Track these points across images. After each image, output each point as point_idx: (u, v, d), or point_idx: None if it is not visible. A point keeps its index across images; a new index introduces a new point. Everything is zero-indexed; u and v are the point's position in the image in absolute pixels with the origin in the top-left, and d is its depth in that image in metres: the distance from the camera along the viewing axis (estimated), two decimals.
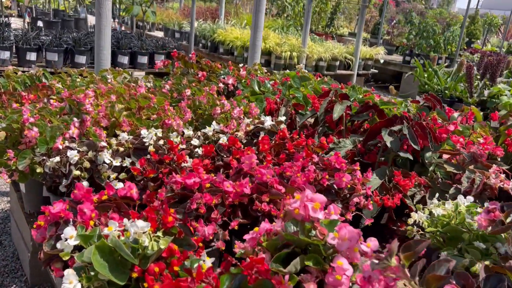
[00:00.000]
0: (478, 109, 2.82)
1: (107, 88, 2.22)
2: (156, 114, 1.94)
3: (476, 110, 2.41)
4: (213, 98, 2.17)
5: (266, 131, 2.00)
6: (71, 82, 2.48)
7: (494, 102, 4.03)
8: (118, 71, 2.85)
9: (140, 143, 1.68)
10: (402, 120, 1.94)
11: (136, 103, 2.04)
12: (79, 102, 1.86)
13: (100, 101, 2.09)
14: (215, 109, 2.07)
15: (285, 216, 1.04)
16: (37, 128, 1.64)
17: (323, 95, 2.28)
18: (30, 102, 2.02)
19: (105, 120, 1.85)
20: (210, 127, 1.95)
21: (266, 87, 2.75)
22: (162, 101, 2.07)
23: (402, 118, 1.95)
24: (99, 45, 2.83)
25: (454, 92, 4.41)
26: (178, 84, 2.46)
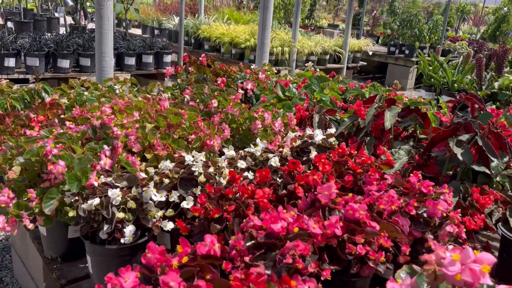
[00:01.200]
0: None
1: (125, 103, 1.94)
2: (193, 133, 1.68)
3: None
4: (246, 109, 1.92)
5: (315, 146, 1.77)
6: (77, 96, 2.18)
7: (505, 94, 3.92)
8: (124, 80, 2.56)
9: (188, 172, 1.42)
10: (468, 127, 1.75)
11: (165, 120, 1.78)
12: (105, 125, 1.58)
13: (119, 118, 1.82)
14: (255, 123, 1.83)
15: (435, 278, 0.82)
16: (63, 161, 1.36)
17: (368, 101, 2.06)
18: (40, 125, 1.72)
19: (137, 144, 1.58)
20: (252, 144, 1.71)
21: (292, 92, 2.51)
22: (194, 117, 1.81)
23: (467, 125, 1.75)
24: (101, 51, 2.52)
25: (462, 85, 4.29)
26: (200, 94, 2.20)
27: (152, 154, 1.62)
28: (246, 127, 1.88)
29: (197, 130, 1.68)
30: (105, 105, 1.89)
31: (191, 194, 1.40)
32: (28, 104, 2.17)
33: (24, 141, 1.49)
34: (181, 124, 1.78)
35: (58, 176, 1.35)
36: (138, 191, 1.33)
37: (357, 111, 2.04)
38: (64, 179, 1.35)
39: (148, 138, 1.58)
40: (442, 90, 4.39)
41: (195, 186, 1.44)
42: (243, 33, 6.70)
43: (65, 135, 1.57)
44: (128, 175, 1.37)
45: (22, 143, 1.48)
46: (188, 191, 1.42)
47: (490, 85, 4.16)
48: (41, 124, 1.74)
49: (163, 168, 1.46)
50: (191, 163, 1.47)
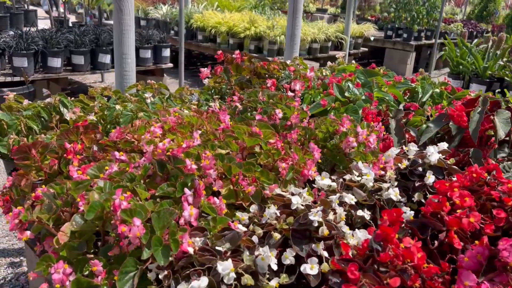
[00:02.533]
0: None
1: (176, 120, 1.54)
2: (281, 160, 1.30)
3: None
4: (325, 121, 1.55)
5: (427, 167, 1.42)
6: (106, 110, 1.76)
7: None
8: (151, 85, 2.15)
9: (301, 221, 1.05)
10: None
11: (235, 142, 1.39)
12: (176, 158, 1.19)
13: (176, 141, 1.43)
14: (347, 140, 1.46)
15: None
16: (138, 218, 0.97)
17: (469, 104, 1.72)
18: (78, 157, 1.32)
19: (219, 181, 1.19)
20: (342, 167, 1.35)
21: (353, 92, 2.15)
22: (271, 136, 1.43)
23: None
24: (122, 52, 2.10)
25: (494, 71, 4.01)
26: (255, 101, 1.81)
27: (232, 191, 1.24)
28: (332, 144, 1.51)
29: (285, 155, 1.31)
30: (153, 124, 1.49)
31: (311, 252, 1.04)
32: (45, 122, 1.74)
33: (74, 188, 1.08)
34: (254, 146, 1.41)
35: (134, 241, 0.96)
36: (252, 258, 0.95)
37: (455, 117, 1.69)
38: (141, 244, 0.96)
39: (232, 170, 1.20)
40: (472, 77, 4.10)
41: (308, 238, 1.07)
42: (241, 22, 6.26)
43: (124, 174, 1.17)
44: (231, 234, 0.99)
45: (71, 191, 1.08)
46: (304, 248, 1.05)
47: None
48: (80, 156, 1.33)
49: (269, 216, 1.08)
50: (301, 207, 1.10)
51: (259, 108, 1.80)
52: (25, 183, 1.26)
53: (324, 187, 1.34)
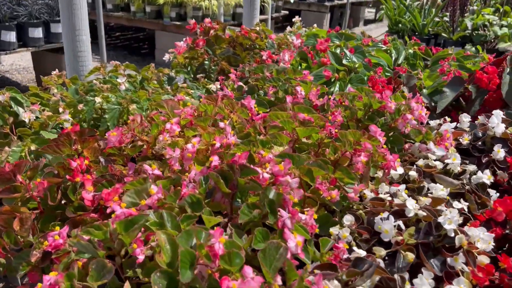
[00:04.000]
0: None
1: (193, 113, 1.21)
2: (357, 152, 1.05)
3: None
4: (371, 95, 1.33)
5: (490, 140, 1.28)
6: (85, 106, 1.36)
7: (480, 35, 3.77)
8: (116, 67, 1.74)
9: (436, 232, 0.83)
10: None
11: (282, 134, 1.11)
12: (244, 167, 0.88)
13: (188, 134, 1.11)
14: (404, 117, 1.25)
15: None
16: (249, 267, 0.68)
17: (496, 63, 1.59)
18: (89, 178, 0.95)
19: (298, 191, 0.92)
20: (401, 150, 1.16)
21: (351, 60, 1.94)
22: (319, 121, 1.17)
23: None
24: (74, 27, 1.66)
25: (433, 28, 4.06)
26: (263, 79, 1.52)
27: (303, 199, 0.97)
28: (382, 123, 1.29)
29: (356, 145, 1.06)
30: (165, 119, 1.15)
31: (449, 269, 0.83)
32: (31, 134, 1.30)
33: (123, 230, 0.74)
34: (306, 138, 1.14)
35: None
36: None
37: (484, 80, 1.56)
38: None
39: (314, 173, 0.93)
40: (411, 35, 4.13)
41: (432, 250, 0.86)
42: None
43: (177, 197, 0.85)
44: (368, 267, 0.74)
45: (121, 235, 0.74)
46: (436, 265, 0.84)
47: (461, 26, 3.98)
48: (90, 175, 0.96)
49: (387, 229, 0.84)
50: (422, 213, 0.88)
51: (269, 86, 1.51)
52: (21, 227, 0.87)
53: (395, 177, 1.14)
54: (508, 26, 3.73)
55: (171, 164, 1.06)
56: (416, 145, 1.24)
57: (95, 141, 1.06)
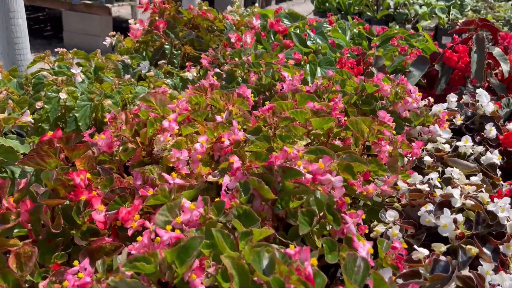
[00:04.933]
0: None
1: (187, 105, 1.07)
2: (379, 141, 1.00)
3: None
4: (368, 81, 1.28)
5: (477, 119, 1.31)
6: (48, 104, 1.14)
7: (402, 13, 3.94)
8: (62, 54, 1.51)
9: (492, 222, 0.81)
10: None
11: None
12: (287, 169, 0.78)
13: (186, 132, 0.99)
14: (405, 101, 1.22)
15: None
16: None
17: (464, 42, 1.63)
18: (95, 194, 0.78)
19: (340, 189, 0.84)
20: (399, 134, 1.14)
21: (315, 41, 1.88)
22: (327, 109, 1.09)
23: None
24: (8, 9, 1.39)
25: (358, 7, 4.15)
26: (243, 65, 1.40)
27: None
28: (379, 107, 1.26)
29: (378, 134, 1.01)
30: (167, 117, 0.99)
31: (504, 258, 0.82)
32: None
33: (177, 259, 0.61)
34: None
35: None
36: None
37: (454, 59, 1.59)
38: None
39: (355, 168, 0.85)
40: (337, 14, 4.19)
41: (480, 239, 0.84)
42: None
43: (220, 212, 0.72)
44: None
45: (174, 264, 0.61)
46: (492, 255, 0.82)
47: (383, 5, 4.13)
48: (95, 191, 0.79)
49: (446, 223, 0.80)
50: (470, 203, 0.85)
51: (251, 72, 1.40)
52: (21, 265, 0.69)
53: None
54: (426, 4, 3.94)
55: (178, 168, 0.92)
56: (417, 128, 1.22)
57: (86, 148, 0.88)
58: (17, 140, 1.06)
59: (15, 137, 1.07)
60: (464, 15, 3.97)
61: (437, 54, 1.80)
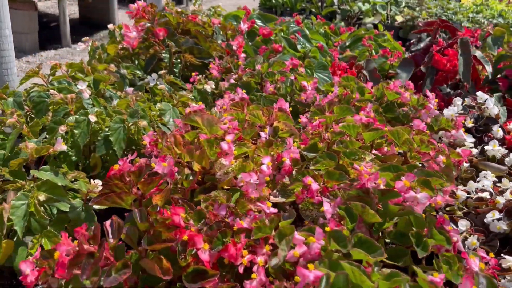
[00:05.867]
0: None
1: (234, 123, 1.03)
2: (430, 152, 1.03)
3: None
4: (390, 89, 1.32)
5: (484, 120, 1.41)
6: (77, 129, 1.04)
7: (346, 10, 4.08)
8: (56, 66, 1.39)
9: None
10: None
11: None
12: (387, 191, 0.79)
13: (240, 151, 0.98)
14: (427, 108, 1.28)
15: None
16: None
17: (450, 45, 1.73)
18: (206, 233, 0.73)
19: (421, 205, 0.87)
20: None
21: (304, 45, 1.88)
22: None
23: None
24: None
25: (304, 4, 4.21)
26: (259, 74, 1.37)
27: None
28: (402, 114, 1.30)
29: (431, 145, 1.05)
30: (226, 140, 0.95)
31: None
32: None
33: None
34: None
35: None
36: None
37: (443, 62, 1.69)
38: None
39: (433, 182, 0.88)
40: (284, 12, 4.22)
41: None
42: None
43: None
44: None
45: None
46: None
47: (327, 2, 4.24)
48: (192, 228, 0.74)
49: None
50: None
51: (266, 82, 1.38)
52: None
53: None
54: (367, 1, 4.12)
55: (247, 192, 0.89)
56: (440, 133, 1.28)
57: (159, 178, 0.82)
58: (51, 172, 0.96)
59: (48, 168, 0.96)
60: (400, 12, 4.21)
61: (418, 56, 1.90)
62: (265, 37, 2.00)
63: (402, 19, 4.02)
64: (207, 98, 1.34)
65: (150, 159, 1.02)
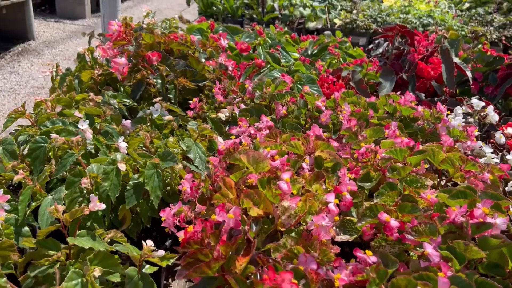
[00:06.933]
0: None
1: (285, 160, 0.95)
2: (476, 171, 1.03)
3: None
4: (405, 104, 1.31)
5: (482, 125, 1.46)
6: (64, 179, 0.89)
7: (287, 15, 4.09)
8: (41, 103, 1.22)
9: None
10: None
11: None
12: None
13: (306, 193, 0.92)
14: (444, 121, 1.29)
15: None
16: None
17: (432, 53, 1.77)
18: None
19: None
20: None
21: (287, 59, 1.83)
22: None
23: None
24: None
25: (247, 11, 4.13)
26: (272, 97, 1.30)
27: None
28: (420, 129, 1.30)
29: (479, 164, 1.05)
30: (285, 179, 0.88)
31: None
32: None
33: None
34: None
35: None
36: None
37: (428, 70, 1.73)
38: None
39: (502, 206, 0.88)
40: (226, 18, 4.10)
41: None
42: None
43: None
44: None
45: None
46: None
47: (267, 7, 4.23)
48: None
49: None
50: None
51: (277, 104, 1.31)
52: None
53: None
54: (307, 6, 4.18)
55: (318, 235, 0.83)
56: (457, 145, 1.30)
57: (242, 237, 0.72)
58: (89, 237, 0.81)
59: (84, 233, 0.82)
60: (338, 15, 4.32)
61: (396, 64, 1.93)
62: (243, 52, 1.92)
63: (341, 22, 4.13)
64: (222, 127, 1.24)
65: (189, 206, 0.91)
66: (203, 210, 0.91)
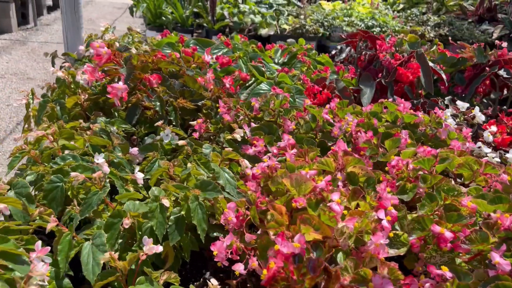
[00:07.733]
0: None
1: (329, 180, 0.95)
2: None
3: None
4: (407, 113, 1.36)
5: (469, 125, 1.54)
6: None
7: (238, 23, 4.09)
8: (42, 137, 1.13)
9: None
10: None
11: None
12: None
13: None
14: (446, 126, 1.34)
15: None
16: None
17: (408, 59, 1.84)
18: None
19: None
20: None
21: (271, 71, 1.82)
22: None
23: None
24: None
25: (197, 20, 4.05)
26: (279, 115, 1.29)
27: None
28: (423, 134, 1.35)
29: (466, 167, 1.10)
30: (337, 200, 0.88)
31: None
32: None
33: None
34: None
35: None
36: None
37: (407, 75, 1.80)
38: None
39: None
40: (176, 28, 3.99)
41: None
42: None
43: None
44: None
45: None
46: None
47: (217, 15, 4.20)
48: None
49: None
50: None
51: (286, 120, 1.30)
52: None
53: None
54: (257, 13, 4.20)
55: (377, 254, 0.84)
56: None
57: (322, 267, 0.70)
58: (147, 283, 0.76)
59: (143, 280, 0.76)
60: (286, 21, 4.39)
61: (372, 69, 2.00)
62: (224, 66, 1.90)
63: (291, 28, 4.20)
64: (237, 149, 1.21)
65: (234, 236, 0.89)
66: (253, 239, 0.88)
